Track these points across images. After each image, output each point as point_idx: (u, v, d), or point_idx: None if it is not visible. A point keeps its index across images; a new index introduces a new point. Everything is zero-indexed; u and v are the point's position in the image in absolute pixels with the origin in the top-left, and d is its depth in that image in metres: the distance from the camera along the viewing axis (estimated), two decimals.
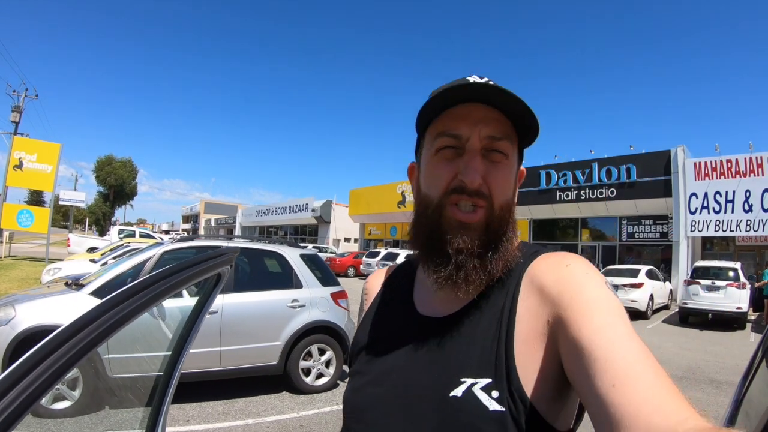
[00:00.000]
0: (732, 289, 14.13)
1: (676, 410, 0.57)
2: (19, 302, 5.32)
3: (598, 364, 0.64)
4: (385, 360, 0.89)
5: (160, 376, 1.47)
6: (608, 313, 0.71)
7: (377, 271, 1.13)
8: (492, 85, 0.80)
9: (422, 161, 0.91)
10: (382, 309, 1.00)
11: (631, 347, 0.66)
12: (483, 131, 0.83)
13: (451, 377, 0.79)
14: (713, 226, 19.35)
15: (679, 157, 20.39)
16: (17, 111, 30.56)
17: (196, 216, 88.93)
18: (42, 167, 24.00)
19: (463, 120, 0.83)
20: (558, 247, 25.46)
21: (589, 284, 0.77)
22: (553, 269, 0.82)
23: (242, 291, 6.09)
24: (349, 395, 0.91)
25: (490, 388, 0.75)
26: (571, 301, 0.74)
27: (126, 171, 71.15)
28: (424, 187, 0.89)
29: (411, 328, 0.91)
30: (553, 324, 0.76)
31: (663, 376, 0.63)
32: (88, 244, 25.56)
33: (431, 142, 0.87)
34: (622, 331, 0.68)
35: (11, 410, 0.64)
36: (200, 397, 5.85)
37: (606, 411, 0.60)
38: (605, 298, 0.74)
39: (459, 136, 0.83)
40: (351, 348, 1.01)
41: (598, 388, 0.63)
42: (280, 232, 51.73)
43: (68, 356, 0.73)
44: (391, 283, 1.05)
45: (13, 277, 16.42)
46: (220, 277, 1.38)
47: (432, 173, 0.87)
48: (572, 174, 23.84)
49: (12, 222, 23.44)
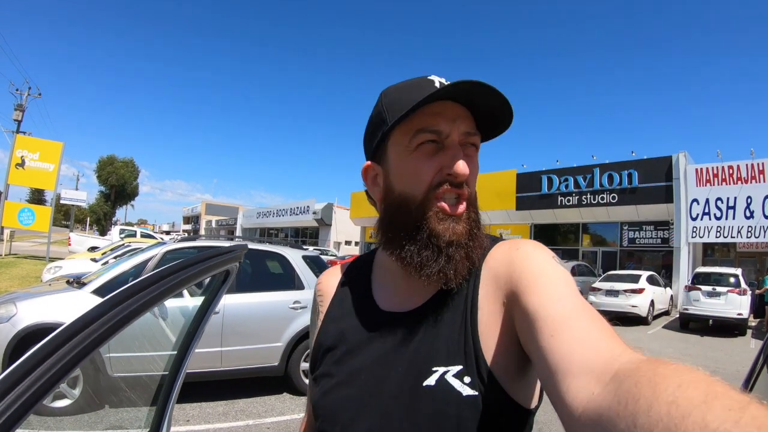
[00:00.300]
0: (733, 296, 14.09)
1: (611, 347, 0.60)
2: (20, 300, 5.32)
3: (539, 322, 0.69)
4: (353, 360, 0.89)
5: (165, 376, 1.47)
6: (552, 280, 0.76)
7: (328, 270, 1.12)
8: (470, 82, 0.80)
9: (393, 159, 0.90)
10: (342, 309, 0.99)
11: (568, 303, 0.70)
12: (460, 127, 0.86)
13: (423, 368, 0.81)
14: (714, 232, 19.32)
15: (681, 163, 20.37)
16: (20, 109, 30.67)
17: (197, 217, 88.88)
18: (44, 166, 24.02)
19: (440, 116, 0.85)
20: (559, 252, 25.47)
21: (535, 260, 0.81)
22: (505, 255, 0.86)
23: (244, 292, 6.08)
24: (320, 399, 0.90)
25: (462, 374, 0.78)
26: (520, 278, 0.79)
27: (127, 171, 71.28)
28: (399, 185, 0.89)
29: (376, 326, 0.91)
30: (508, 303, 0.80)
31: (599, 321, 0.67)
32: (89, 243, 25.56)
33: (407, 139, 0.86)
34: (563, 292, 0.73)
35: (13, 410, 0.64)
36: (201, 398, 5.85)
37: (545, 360, 0.64)
38: (550, 268, 0.79)
39: (439, 132, 0.85)
40: (313, 350, 0.99)
41: (539, 341, 0.67)
42: (280, 234, 51.66)
43: (72, 355, 0.72)
44: (347, 282, 1.04)
45: (13, 275, 16.43)
46: (228, 274, 1.38)
47: (412, 169, 0.87)
48: (574, 179, 23.81)
49: (13, 220, 23.45)
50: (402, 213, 0.88)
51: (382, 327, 0.90)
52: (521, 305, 0.75)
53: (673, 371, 0.47)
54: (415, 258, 0.85)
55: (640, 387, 0.47)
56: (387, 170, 0.92)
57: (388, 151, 0.91)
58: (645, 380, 0.47)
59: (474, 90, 0.82)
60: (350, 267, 1.08)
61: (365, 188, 1.00)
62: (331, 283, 1.06)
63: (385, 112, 0.89)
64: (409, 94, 0.85)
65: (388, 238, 0.91)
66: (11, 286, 13.63)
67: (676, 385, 0.43)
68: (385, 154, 0.92)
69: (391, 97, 0.89)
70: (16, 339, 4.99)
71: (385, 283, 0.97)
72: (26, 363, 0.67)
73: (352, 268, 1.07)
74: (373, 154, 0.96)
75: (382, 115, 0.89)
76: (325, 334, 0.97)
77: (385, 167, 0.93)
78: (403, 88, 0.90)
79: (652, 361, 0.52)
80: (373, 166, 0.96)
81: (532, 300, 0.73)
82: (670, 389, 0.43)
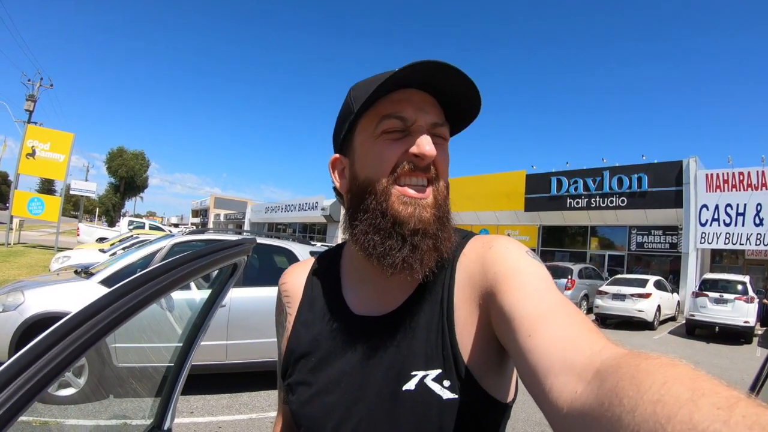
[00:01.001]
0: (740, 303, 13.99)
1: (591, 343, 0.59)
2: (28, 288, 5.36)
3: (516, 321, 0.68)
4: (330, 368, 0.87)
5: (170, 367, 1.47)
6: (527, 277, 0.75)
7: (292, 268, 1.08)
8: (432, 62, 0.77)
9: (358, 147, 0.89)
10: (313, 312, 0.96)
11: (544, 299, 0.69)
12: (427, 118, 0.84)
13: (402, 373, 0.80)
14: (723, 238, 19.19)
15: (691, 168, 20.24)
16: (31, 100, 30.75)
17: (205, 210, 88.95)
18: (54, 156, 24.16)
19: (406, 103, 0.83)
20: (566, 254, 25.41)
21: (509, 257, 0.80)
22: (478, 253, 0.85)
23: (251, 286, 6.08)
24: (300, 407, 0.88)
25: (441, 378, 0.78)
26: (495, 277, 0.78)
27: (137, 163, 71.42)
28: (363, 171, 0.87)
29: (351, 332, 0.88)
30: (484, 303, 0.79)
31: (577, 316, 0.66)
32: (98, 234, 25.71)
33: (373, 126, 0.85)
34: (538, 287, 0.72)
35: (18, 397, 0.64)
36: (205, 390, 5.88)
37: (525, 360, 0.63)
38: (524, 264, 0.78)
39: (405, 119, 0.83)
40: (285, 356, 0.96)
41: (517, 341, 0.66)
42: (288, 229, 51.59)
43: (78, 344, 0.73)
44: (314, 282, 1.01)
45: (22, 264, 16.54)
46: (235, 267, 1.38)
47: (376, 154, 0.85)
48: (583, 181, 23.72)
49: (23, 209, 23.60)
50: (366, 200, 0.85)
51: (358, 332, 0.88)
52: (497, 305, 0.74)
53: (657, 366, 0.46)
54: (379, 248, 0.82)
55: (623, 385, 0.46)
56: (352, 159, 0.91)
57: (354, 140, 0.90)
58: (628, 377, 0.46)
59: (438, 73, 0.80)
60: (317, 265, 1.04)
61: (332, 184, 0.97)
62: (297, 283, 1.03)
63: (352, 103, 0.87)
64: (375, 82, 0.82)
65: (354, 229, 0.88)
66: (19, 274, 13.72)
67: (661, 383, 0.42)
68: (351, 144, 0.91)
69: (358, 90, 0.88)
70: (24, 327, 5.03)
71: (357, 284, 0.95)
72: (32, 350, 0.67)
73: (318, 266, 1.04)
74: (341, 147, 0.94)
75: (350, 107, 0.88)
76: (296, 340, 0.94)
77: (351, 157, 0.91)
78: (370, 79, 0.88)
79: (634, 355, 0.51)
80: (340, 159, 0.94)
81: (508, 299, 0.72)
82: (655, 387, 0.42)
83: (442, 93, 0.85)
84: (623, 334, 14.39)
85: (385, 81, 0.78)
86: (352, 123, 0.88)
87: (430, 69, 0.79)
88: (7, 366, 0.64)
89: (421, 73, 0.80)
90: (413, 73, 0.79)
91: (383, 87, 0.80)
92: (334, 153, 0.96)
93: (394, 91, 0.83)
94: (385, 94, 0.83)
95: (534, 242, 26.55)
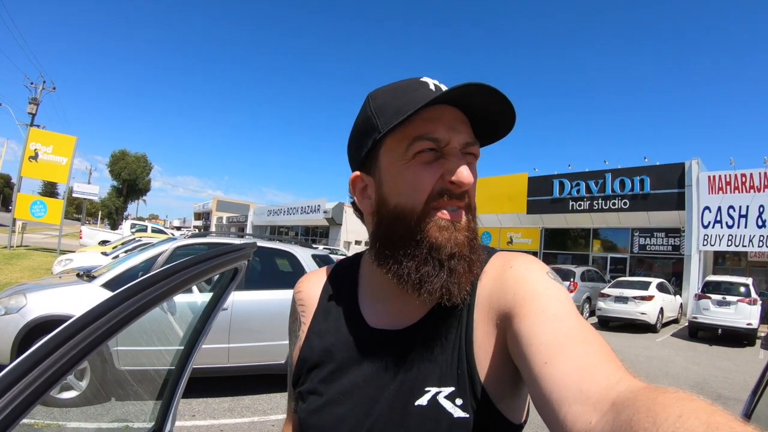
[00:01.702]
0: (743, 305, 13.98)
1: (607, 374, 0.58)
2: (30, 291, 5.38)
3: (533, 347, 0.66)
4: (342, 379, 0.86)
5: (172, 370, 1.47)
6: (546, 301, 0.73)
7: (307, 277, 1.07)
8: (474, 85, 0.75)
9: (386, 169, 0.84)
10: (328, 323, 0.94)
11: (563, 325, 0.68)
12: (460, 138, 0.81)
13: (415, 388, 0.79)
14: (726, 240, 19.18)
15: (694, 170, 20.24)
16: (34, 103, 30.86)
17: (208, 213, 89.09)
18: (57, 159, 24.18)
19: (438, 123, 0.80)
20: (568, 257, 25.40)
21: (529, 279, 0.78)
22: (498, 273, 0.83)
23: (253, 289, 6.08)
24: (307, 417, 0.87)
25: (454, 396, 0.77)
26: (514, 298, 0.76)
27: (140, 166, 71.64)
28: (394, 197, 0.83)
29: (366, 344, 0.87)
30: (501, 324, 0.78)
31: (595, 344, 0.64)
32: (100, 237, 25.81)
33: (403, 147, 0.80)
34: (557, 312, 0.70)
35: (21, 400, 0.64)
36: (207, 393, 5.87)
37: (540, 387, 0.62)
38: (544, 287, 0.76)
39: (438, 140, 0.79)
40: (297, 365, 0.95)
41: (533, 368, 0.64)
42: (291, 232, 51.64)
43: (81, 347, 0.73)
44: (330, 292, 0.99)
45: (24, 267, 16.57)
46: (236, 271, 1.38)
47: (409, 179, 0.81)
48: (585, 184, 23.71)
49: (25, 212, 23.61)
50: (399, 227, 0.82)
51: (373, 345, 0.86)
52: (514, 328, 0.72)
53: (673, 400, 0.46)
54: (414, 275, 0.80)
55: (639, 417, 0.45)
56: (379, 181, 0.86)
57: (379, 160, 0.85)
58: (644, 410, 0.46)
59: (475, 93, 0.77)
60: (333, 275, 1.03)
61: (351, 200, 0.93)
62: (312, 292, 1.01)
63: (375, 117, 0.83)
64: (401, 97, 0.80)
65: (384, 254, 0.84)
66: (22, 277, 13.75)
67: (677, 416, 0.42)
68: (376, 163, 0.86)
69: (381, 101, 0.84)
70: (25, 330, 5.04)
71: (375, 297, 0.93)
72: (35, 354, 0.67)
73: (335, 277, 1.02)
74: (361, 164, 0.89)
75: (372, 121, 0.83)
76: (309, 349, 0.93)
77: (377, 177, 0.86)
78: (394, 90, 0.84)
79: (652, 389, 0.51)
80: (362, 177, 0.90)
81: (526, 323, 0.70)
82: (671, 420, 0.42)
83: (473, 109, 0.82)
84: (626, 336, 14.39)
85: (426, 104, 0.75)
86: (378, 141, 0.83)
87: (470, 92, 0.77)
88: (10, 369, 0.64)
89: (461, 94, 0.77)
90: (451, 95, 0.77)
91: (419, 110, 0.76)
92: (351, 168, 0.93)
93: (425, 107, 0.77)
94: (416, 112, 0.77)
95: (536, 245, 26.55)
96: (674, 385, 0.49)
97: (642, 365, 10.17)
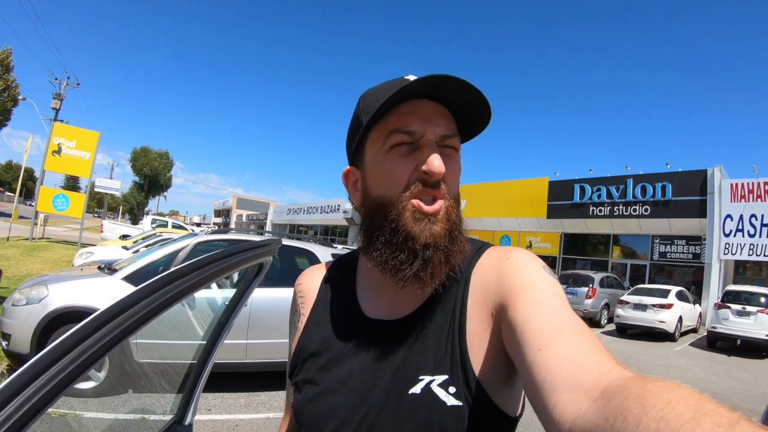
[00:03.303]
0: (763, 316, 13.69)
1: (599, 363, 0.59)
2: (51, 282, 5.47)
3: (527, 334, 0.68)
4: (338, 368, 0.87)
5: (192, 364, 1.49)
6: (541, 293, 0.75)
7: (308, 271, 1.11)
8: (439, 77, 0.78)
9: (369, 162, 0.89)
10: (326, 313, 0.97)
11: (557, 316, 0.70)
12: (436, 130, 0.84)
13: (409, 377, 0.81)
14: (747, 249, 18.88)
15: (716, 177, 19.94)
16: (58, 98, 31.30)
17: (228, 210, 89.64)
18: (80, 154, 24.47)
19: (414, 116, 0.83)
20: (587, 263, 25.19)
21: (525, 271, 0.80)
22: (495, 264, 0.85)
23: (272, 286, 6.08)
24: (303, 406, 0.88)
25: (447, 384, 0.78)
26: (510, 289, 0.78)
27: (161, 163, 72.58)
28: (375, 187, 0.88)
29: (363, 334, 0.89)
30: (496, 314, 0.80)
31: (588, 336, 0.66)
32: (121, 231, 26.06)
33: (381, 140, 0.85)
34: (552, 304, 0.72)
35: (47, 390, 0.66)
36: (223, 388, 5.93)
37: (532, 373, 0.64)
38: (540, 280, 0.78)
39: (413, 132, 0.83)
40: (294, 355, 0.97)
41: (526, 354, 0.66)
42: (310, 231, 51.78)
43: (107, 340, 0.74)
44: (329, 285, 1.02)
45: (46, 259, 16.79)
46: (261, 267, 1.39)
47: (387, 171, 0.85)
48: (606, 189, 23.47)
49: (48, 205, 23.93)
50: (379, 216, 0.86)
51: (369, 335, 0.88)
52: (509, 317, 0.74)
53: (662, 388, 0.47)
54: (390, 262, 0.83)
55: (629, 403, 0.47)
56: (364, 173, 0.91)
57: (365, 154, 0.90)
58: (633, 396, 0.47)
59: (446, 86, 0.80)
60: (332, 269, 1.06)
61: (349, 198, 0.98)
62: (312, 285, 1.05)
63: (361, 114, 0.87)
64: (383, 94, 0.82)
65: (368, 242, 0.90)
66: (43, 268, 13.94)
67: (665, 402, 0.44)
68: (362, 157, 0.92)
69: (369, 99, 0.88)
70: (47, 320, 5.13)
71: (372, 289, 0.95)
72: (60, 346, 0.69)
73: (334, 270, 1.05)
74: (353, 159, 0.95)
75: (360, 119, 0.88)
76: (307, 339, 0.95)
77: (363, 171, 0.92)
78: (380, 89, 0.88)
79: (641, 378, 0.52)
80: (353, 171, 0.96)
81: (520, 312, 0.72)
82: (659, 405, 0.44)
83: (452, 103, 0.85)
84: (644, 344, 14.23)
85: (391, 96, 0.78)
86: (362, 136, 0.89)
87: (436, 83, 0.80)
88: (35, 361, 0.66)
89: (429, 86, 0.80)
90: (421, 87, 0.80)
91: (389, 102, 0.80)
92: (348, 164, 0.98)
93: (403, 102, 0.82)
94: (393, 107, 0.82)
95: (556, 250, 26.36)
96: None
97: (659, 374, 9.88)
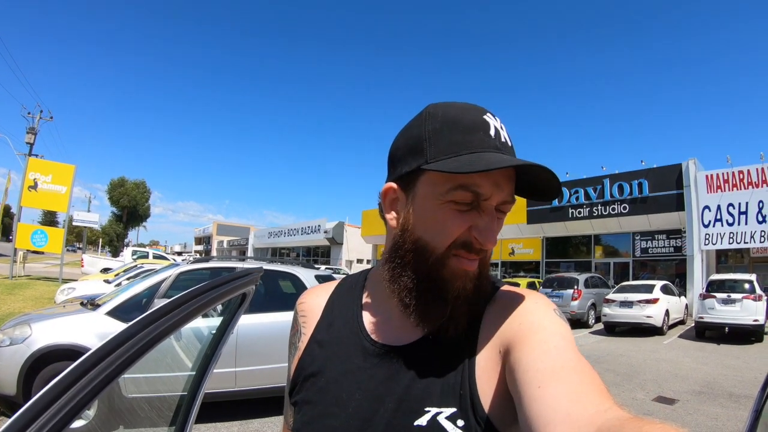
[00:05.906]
0: (748, 302, 13.96)
1: (597, 403, 0.60)
2: (34, 321, 5.37)
3: (529, 373, 0.68)
4: (339, 390, 0.85)
5: (183, 396, 1.48)
6: (548, 335, 0.75)
7: (311, 289, 1.07)
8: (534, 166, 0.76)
9: (420, 200, 0.83)
10: (330, 334, 0.94)
11: (561, 357, 0.70)
12: (500, 196, 0.80)
13: (414, 407, 0.78)
14: (727, 238, 19.21)
15: (691, 170, 20.30)
16: (32, 133, 31.02)
17: (208, 237, 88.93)
18: (56, 188, 24.20)
19: (485, 178, 0.78)
20: (571, 265, 25.37)
21: (536, 313, 0.80)
22: (508, 303, 0.85)
23: (257, 312, 6.05)
24: (302, 427, 0.86)
25: (456, 417, 0.76)
26: (519, 329, 0.78)
27: (139, 193, 71.98)
28: (421, 230, 0.82)
29: (367, 357, 0.87)
30: (504, 352, 0.78)
31: (590, 376, 0.67)
32: (102, 264, 25.74)
33: (444, 188, 0.79)
34: (557, 345, 0.73)
35: None
36: (216, 418, 5.85)
37: (530, 408, 0.64)
38: (550, 322, 0.78)
39: (480, 195, 0.78)
40: (295, 374, 0.94)
41: (526, 391, 0.66)
42: (292, 253, 51.62)
43: (99, 380, 0.73)
44: (334, 305, 0.99)
45: (27, 297, 16.51)
46: (245, 296, 1.39)
47: (439, 221, 0.80)
48: (584, 191, 23.77)
49: (26, 242, 23.60)
50: (417, 260, 0.83)
51: (373, 359, 0.86)
52: (515, 356, 0.74)
53: (659, 431, 0.47)
54: (420, 306, 0.82)
55: None
56: (411, 204, 0.85)
57: (417, 186, 0.83)
58: None
59: (533, 168, 0.77)
60: (338, 289, 1.03)
61: (378, 204, 0.92)
62: (316, 304, 1.01)
63: (426, 141, 0.81)
64: (458, 133, 0.79)
65: (396, 275, 0.86)
66: (25, 307, 13.70)
67: None
68: (413, 187, 0.84)
69: (438, 125, 0.81)
70: (32, 360, 5.03)
71: (379, 312, 0.93)
72: (52, 390, 0.68)
73: (340, 290, 1.03)
74: (399, 177, 0.86)
75: (423, 145, 0.81)
76: (309, 359, 0.93)
77: (410, 199, 0.85)
78: (453, 120, 0.81)
79: (638, 419, 0.52)
80: (395, 190, 0.88)
81: (526, 353, 0.72)
82: None
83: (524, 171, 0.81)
84: (633, 341, 14.33)
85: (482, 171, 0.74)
86: (421, 168, 0.81)
87: (526, 167, 0.77)
88: (28, 407, 0.65)
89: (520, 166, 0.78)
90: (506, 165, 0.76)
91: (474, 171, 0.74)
92: (388, 171, 0.91)
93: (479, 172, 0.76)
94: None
95: (538, 254, 26.57)
96: (685, 385, 0.50)
97: (650, 368, 10.12)
